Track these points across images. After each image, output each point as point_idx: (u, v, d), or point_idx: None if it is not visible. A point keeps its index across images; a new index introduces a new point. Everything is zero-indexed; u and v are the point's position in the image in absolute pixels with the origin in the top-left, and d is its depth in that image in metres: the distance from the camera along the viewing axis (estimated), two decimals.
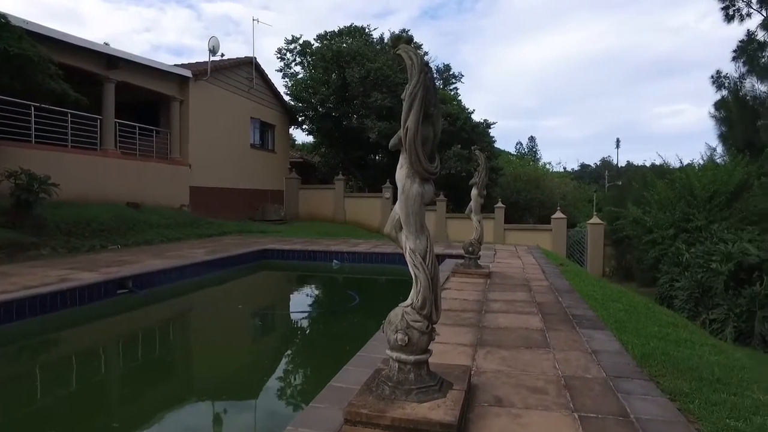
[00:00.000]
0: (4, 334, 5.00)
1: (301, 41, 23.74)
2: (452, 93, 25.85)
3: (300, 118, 22.28)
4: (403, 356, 2.35)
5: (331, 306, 7.76)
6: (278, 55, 24.38)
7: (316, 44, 23.29)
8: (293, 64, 24.34)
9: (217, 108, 16.59)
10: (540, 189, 25.55)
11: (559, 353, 3.36)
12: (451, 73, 29.25)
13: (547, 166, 41.26)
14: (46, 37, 10.33)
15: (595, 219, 17.11)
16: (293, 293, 9.24)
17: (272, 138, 20.59)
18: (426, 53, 26.61)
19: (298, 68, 24.29)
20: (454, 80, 29.32)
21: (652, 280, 12.71)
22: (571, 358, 3.24)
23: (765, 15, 19.59)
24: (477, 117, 22.18)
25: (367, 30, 23.96)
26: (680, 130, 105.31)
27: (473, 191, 6.92)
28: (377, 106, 19.32)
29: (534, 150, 68.84)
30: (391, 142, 2.29)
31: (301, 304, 8.32)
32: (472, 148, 7.28)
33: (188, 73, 15.05)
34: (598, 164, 68.54)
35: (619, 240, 15.86)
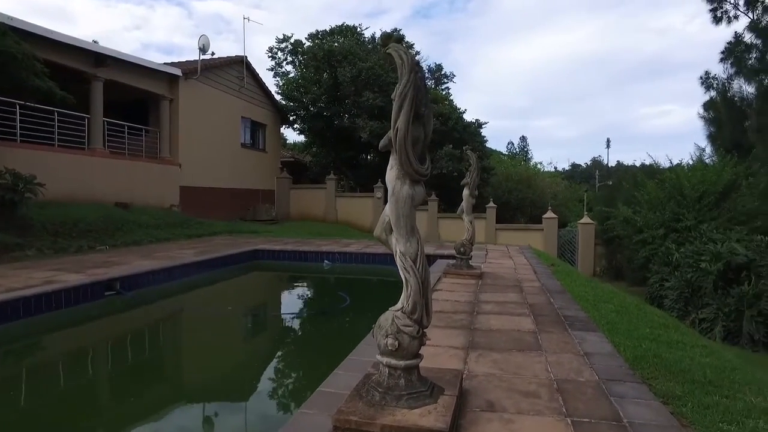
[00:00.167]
0: None
1: (292, 40, 23.62)
2: (444, 93, 25.88)
3: (291, 118, 22.16)
4: (393, 361, 2.31)
5: (322, 307, 7.69)
6: (269, 54, 24.26)
7: (307, 43, 23.19)
8: (284, 63, 24.23)
9: (208, 107, 16.43)
10: (531, 189, 25.66)
11: (551, 356, 3.33)
12: (442, 72, 29.32)
13: (539, 165, 41.50)
14: (31, 34, 10.15)
15: (585, 219, 17.19)
16: (284, 294, 9.17)
17: (263, 137, 20.45)
18: (418, 53, 26.61)
19: (289, 67, 24.20)
20: (445, 80, 29.39)
21: (642, 279, 12.79)
22: (564, 361, 3.22)
23: (752, 17, 19.79)
24: (468, 117, 22.26)
25: (358, 29, 23.90)
26: (669, 130, 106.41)
27: (465, 191, 6.89)
28: (369, 106, 19.27)
29: (525, 150, 69.12)
30: (381, 143, 2.24)
31: (292, 305, 8.24)
32: (464, 148, 7.26)
33: (178, 71, 14.89)
34: (589, 164, 69.03)
35: (610, 240, 15.95)
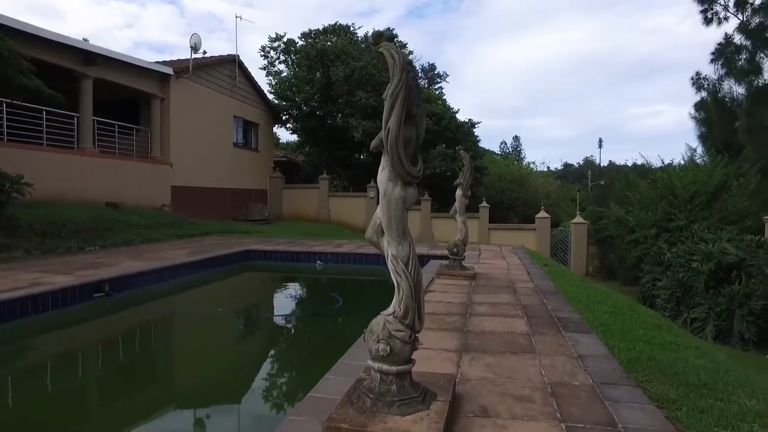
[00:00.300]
0: None
1: (285, 39, 23.50)
2: (437, 92, 25.86)
3: (284, 117, 22.06)
4: (385, 367, 2.26)
5: (314, 308, 7.63)
6: (262, 53, 24.12)
7: (300, 42, 23.08)
8: (277, 62, 24.10)
9: (200, 106, 16.30)
10: (524, 188, 25.73)
11: (545, 358, 3.30)
12: (436, 72, 29.32)
13: (531, 165, 41.67)
14: (18, 31, 9.99)
15: (578, 218, 17.25)
16: (276, 295, 9.08)
17: (256, 137, 20.33)
18: (411, 52, 26.62)
19: (282, 66, 24.07)
20: (439, 79, 29.41)
21: (634, 279, 12.85)
22: (558, 364, 3.18)
23: (741, 19, 19.96)
24: (462, 116, 22.26)
25: (351, 28, 23.83)
26: (661, 130, 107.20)
27: (458, 192, 6.85)
28: (362, 105, 19.21)
29: (518, 149, 69.34)
30: (372, 144, 2.19)
31: (284, 306, 8.17)
32: (457, 148, 7.22)
33: (169, 70, 14.75)
34: (581, 163, 69.40)
35: (602, 239, 16.02)
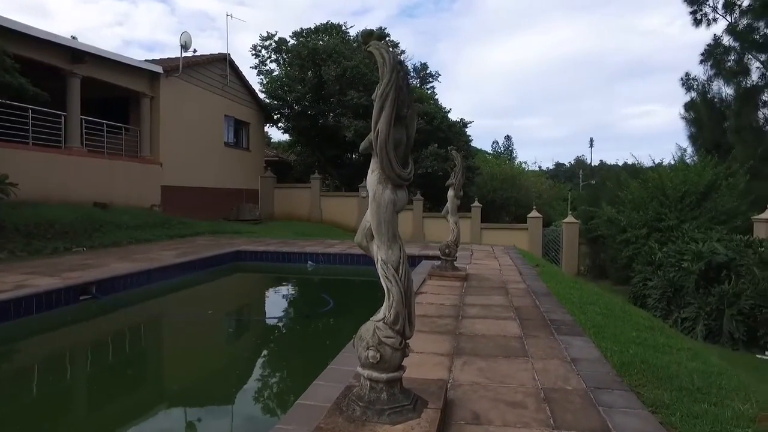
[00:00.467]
0: None
1: (276, 38, 23.35)
2: (429, 92, 25.82)
3: (275, 116, 21.92)
4: (375, 374, 2.20)
5: (305, 310, 7.56)
6: (253, 52, 23.93)
7: (291, 41, 22.94)
8: (268, 61, 23.93)
9: (190, 105, 16.13)
10: (516, 188, 25.78)
11: (537, 362, 3.26)
12: (428, 72, 29.27)
13: (523, 165, 41.80)
14: (2, 27, 9.81)
15: (570, 218, 17.30)
16: (266, 297, 9.00)
17: (247, 136, 20.19)
18: (403, 51, 26.57)
19: (273, 65, 23.90)
20: (431, 79, 29.36)
21: (625, 278, 12.89)
22: (550, 368, 3.15)
23: (730, 20, 20.12)
24: (454, 116, 22.21)
25: (343, 27, 23.73)
26: (651, 130, 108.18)
27: (450, 192, 6.81)
28: (353, 105, 19.13)
29: (510, 149, 69.61)
30: (362, 146, 2.14)
31: (274, 308, 8.09)
32: (449, 149, 7.17)
33: (159, 68, 14.58)
34: (573, 163, 69.81)
35: (594, 239, 16.07)
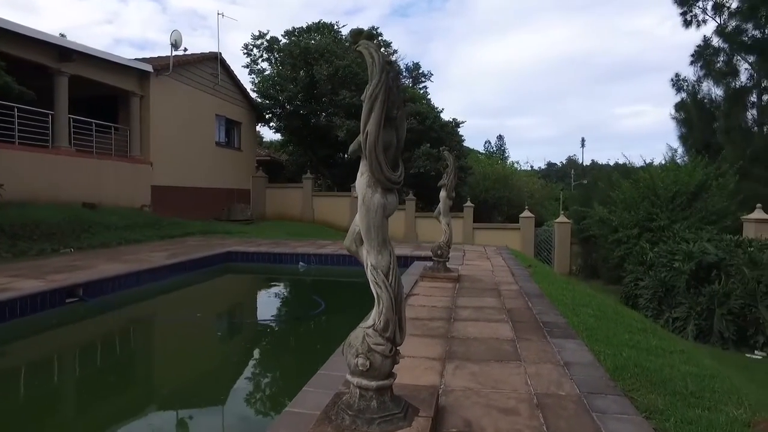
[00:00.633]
0: None
1: (268, 37, 23.18)
2: (421, 92, 25.79)
3: (267, 116, 21.79)
4: (364, 382, 2.15)
5: (296, 312, 7.49)
6: (245, 51, 23.74)
7: (283, 40, 22.80)
8: (260, 60, 23.75)
9: (180, 104, 15.98)
10: (508, 188, 25.81)
11: (530, 366, 3.23)
12: (420, 71, 29.23)
13: (515, 164, 41.95)
14: None
15: (562, 218, 17.34)
16: (257, 299, 8.91)
17: (238, 136, 20.05)
18: (395, 51, 26.50)
19: (265, 64, 23.74)
20: (423, 79, 29.33)
21: (617, 278, 12.93)
22: (543, 373, 3.11)
23: (719, 22, 20.29)
24: (446, 116, 22.18)
25: (335, 27, 23.63)
26: (642, 130, 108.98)
27: (442, 193, 6.77)
28: (346, 104, 19.06)
29: (502, 149, 69.87)
30: (351, 148, 2.08)
31: (265, 310, 8.01)
32: (441, 149, 7.14)
33: (148, 67, 14.43)
34: (564, 163, 70.14)
35: (586, 239, 16.11)
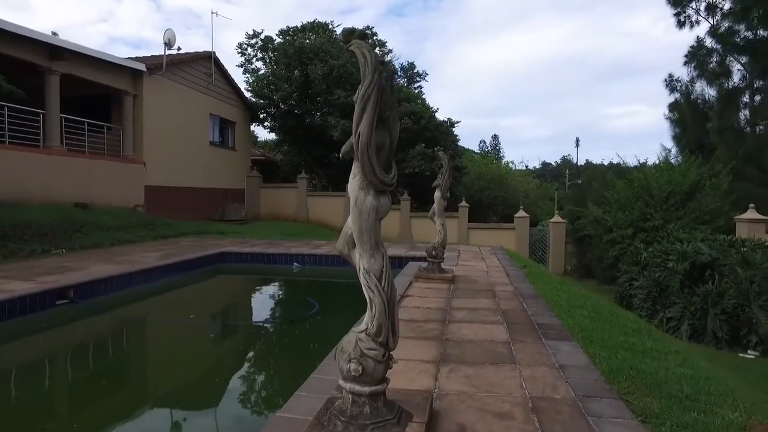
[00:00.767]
0: None
1: (262, 36, 23.08)
2: (416, 91, 25.75)
3: (261, 115, 21.69)
4: (357, 387, 2.11)
5: (290, 314, 7.43)
6: (239, 51, 23.63)
7: (278, 40, 22.70)
8: (254, 59, 23.63)
9: (174, 104, 15.87)
10: (503, 187, 25.83)
11: (525, 369, 3.20)
12: (415, 71, 29.19)
13: (510, 164, 42.02)
14: None
15: (556, 218, 17.37)
16: (250, 301, 8.84)
17: (232, 135, 19.95)
18: (390, 50, 26.45)
19: (259, 64, 23.63)
20: (418, 78, 29.29)
21: (611, 278, 12.95)
22: (538, 376, 3.08)
23: (712, 23, 20.40)
24: (441, 116, 22.14)
25: (330, 26, 23.55)
26: (636, 130, 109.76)
27: (436, 193, 6.74)
28: (340, 104, 19.00)
29: (497, 148, 69.96)
30: (343, 150, 2.04)
31: (258, 312, 7.95)
32: (436, 149, 7.11)
33: (142, 66, 14.31)
34: (559, 162, 70.40)
35: (580, 239, 16.13)
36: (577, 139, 58.67)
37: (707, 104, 20.71)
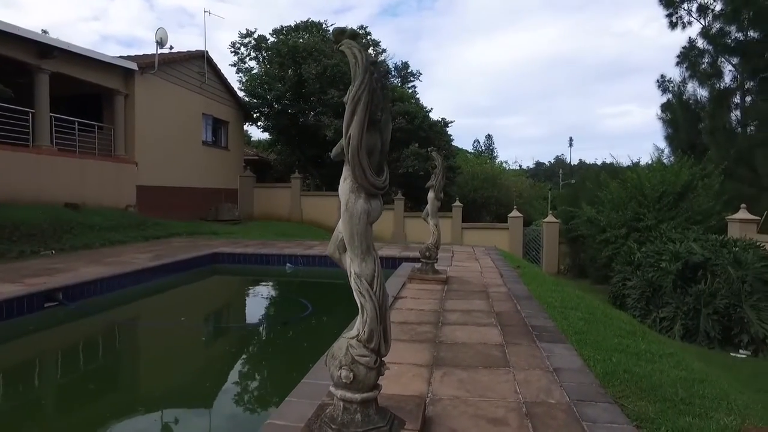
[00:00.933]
0: None
1: (255, 35, 22.97)
2: (410, 91, 25.74)
3: (255, 115, 21.59)
4: (348, 395, 2.07)
5: (282, 316, 7.37)
6: (232, 50, 23.52)
7: (271, 39, 22.60)
8: (248, 58, 23.55)
9: (166, 103, 15.74)
10: (497, 187, 25.86)
11: (519, 373, 3.17)
12: (409, 70, 29.17)
13: (504, 164, 42.11)
14: None
15: (550, 217, 17.40)
16: (242, 302, 8.76)
17: (226, 135, 19.82)
18: (384, 50, 26.40)
19: (252, 63, 23.53)
20: (412, 78, 29.28)
21: (605, 277, 12.98)
22: (532, 379, 3.05)
23: (704, 24, 20.51)
24: (435, 115, 22.16)
25: (324, 25, 23.48)
26: (629, 129, 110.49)
27: (430, 194, 6.71)
28: (334, 104, 18.94)
29: (491, 148, 70.12)
30: (333, 152, 2.00)
31: (251, 314, 7.87)
32: (429, 150, 7.07)
33: (133, 65, 14.17)
34: (552, 162, 70.69)
35: (574, 238, 16.16)
36: (571, 139, 58.76)
37: (699, 105, 20.81)
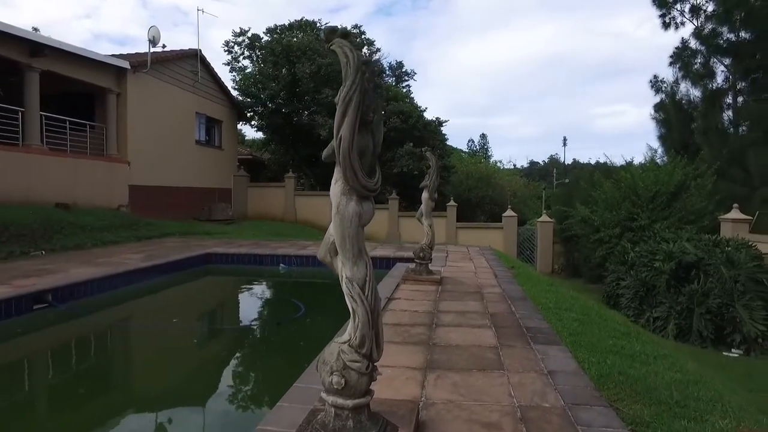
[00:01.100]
0: None
1: (249, 34, 22.83)
2: (405, 90, 25.69)
3: (248, 114, 21.48)
4: (340, 401, 2.03)
5: (275, 317, 7.31)
6: (226, 48, 23.36)
7: (265, 38, 22.48)
8: (241, 57, 23.38)
9: (159, 102, 15.61)
10: (491, 186, 25.89)
11: (513, 376, 3.14)
12: (403, 70, 29.10)
13: (498, 163, 42.20)
14: None
15: (544, 217, 17.43)
16: (235, 303, 8.68)
17: (219, 134, 19.72)
18: (378, 50, 26.33)
19: (246, 62, 23.38)
20: (406, 77, 29.19)
21: (598, 277, 13.01)
22: (527, 382, 3.03)
23: (696, 25, 20.61)
24: (429, 115, 22.15)
25: (318, 24, 23.38)
26: (623, 129, 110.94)
27: (424, 194, 6.67)
28: (328, 103, 18.86)
29: (485, 147, 70.22)
30: (324, 153, 1.96)
31: (244, 315, 7.81)
32: (423, 150, 7.05)
33: (125, 63, 14.05)
34: (547, 162, 70.89)
35: (568, 238, 16.20)
36: (565, 139, 59.25)
37: (692, 105, 20.89)
